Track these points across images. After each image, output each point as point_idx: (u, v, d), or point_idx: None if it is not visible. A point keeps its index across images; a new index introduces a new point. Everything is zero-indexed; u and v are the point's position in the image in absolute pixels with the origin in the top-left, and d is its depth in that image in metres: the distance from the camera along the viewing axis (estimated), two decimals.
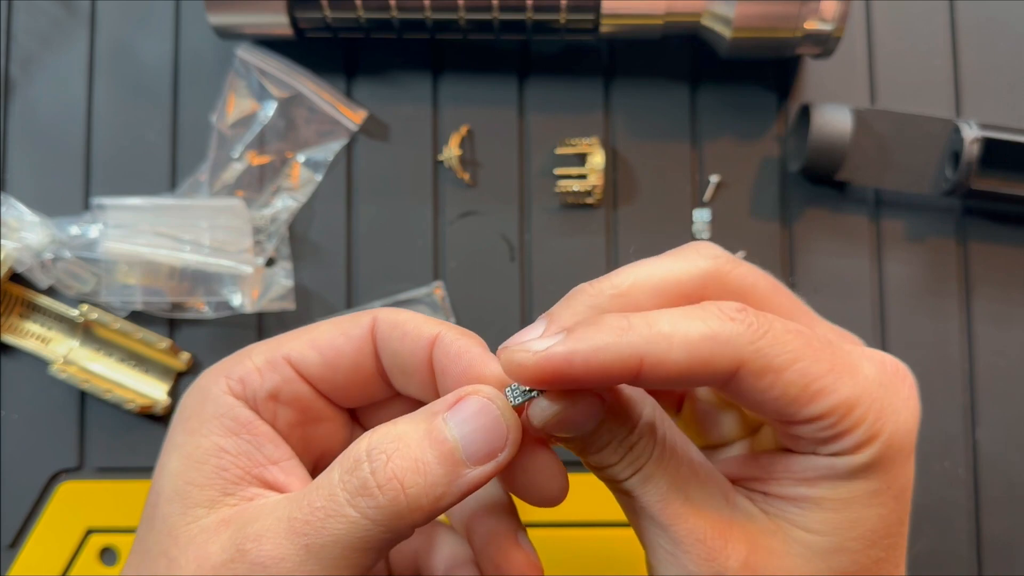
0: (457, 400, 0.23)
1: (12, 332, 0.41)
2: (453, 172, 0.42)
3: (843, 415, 0.22)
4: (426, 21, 0.40)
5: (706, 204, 0.42)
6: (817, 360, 0.22)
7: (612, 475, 0.24)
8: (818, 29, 0.38)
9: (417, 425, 0.22)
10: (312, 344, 0.25)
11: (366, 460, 0.21)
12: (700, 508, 0.23)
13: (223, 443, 0.23)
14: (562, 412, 0.23)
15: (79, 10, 0.44)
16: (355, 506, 0.21)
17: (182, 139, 0.43)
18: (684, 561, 0.23)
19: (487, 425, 0.23)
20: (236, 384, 0.24)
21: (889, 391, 0.23)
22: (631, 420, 0.24)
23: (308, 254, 0.42)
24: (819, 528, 0.23)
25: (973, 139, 0.39)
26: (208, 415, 0.24)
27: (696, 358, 0.21)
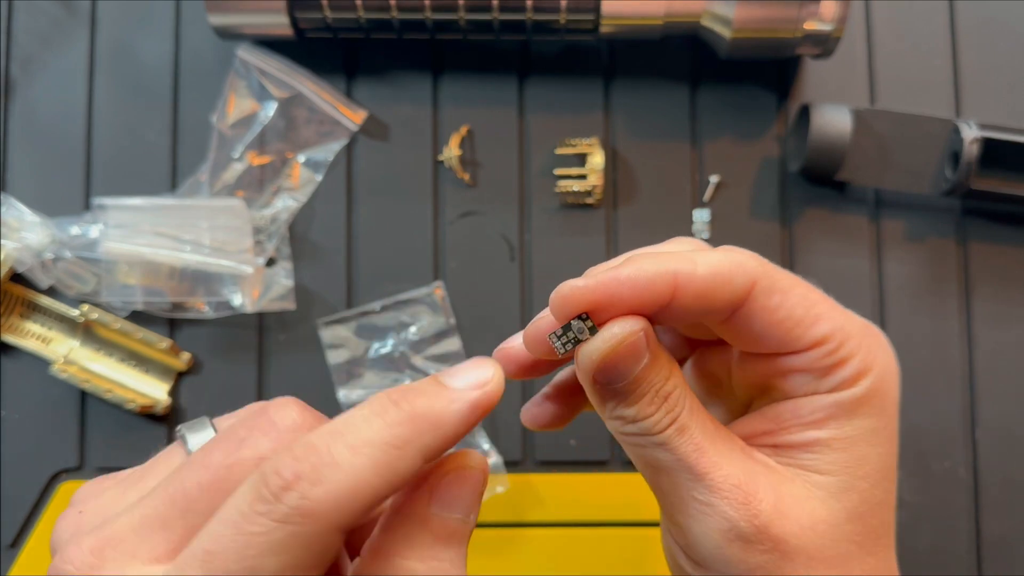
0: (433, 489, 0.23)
1: (13, 332, 0.41)
2: (453, 172, 0.42)
3: (841, 342, 0.24)
4: (426, 21, 0.40)
5: (706, 204, 0.42)
6: (811, 290, 0.25)
7: (648, 427, 0.25)
8: (818, 29, 0.38)
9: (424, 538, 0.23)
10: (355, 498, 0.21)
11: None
12: (729, 458, 0.25)
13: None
14: (611, 348, 0.24)
15: (79, 10, 0.44)
16: None
17: (182, 139, 0.43)
18: (722, 508, 0.24)
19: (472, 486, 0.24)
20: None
21: (871, 335, 0.25)
22: (666, 368, 0.25)
23: (308, 254, 0.42)
24: (831, 469, 0.25)
25: (973, 139, 0.39)
26: None
27: (718, 275, 0.24)
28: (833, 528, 0.25)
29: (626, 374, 0.25)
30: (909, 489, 0.41)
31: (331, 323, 0.41)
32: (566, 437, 0.41)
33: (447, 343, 0.41)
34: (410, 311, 0.41)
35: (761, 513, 0.24)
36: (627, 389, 0.25)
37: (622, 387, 0.25)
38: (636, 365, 0.25)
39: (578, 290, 0.24)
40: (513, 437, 0.41)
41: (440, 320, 0.41)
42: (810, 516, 0.24)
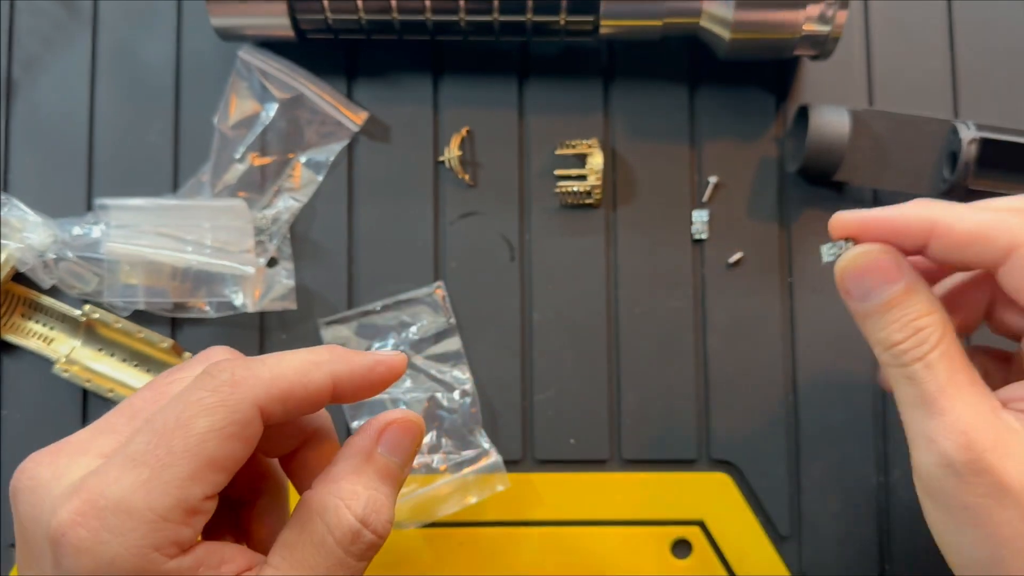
0: (380, 433, 0.28)
1: (15, 332, 0.41)
2: (453, 173, 0.43)
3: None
4: (427, 23, 0.40)
5: (705, 205, 0.43)
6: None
7: (896, 355, 0.28)
8: (816, 31, 0.39)
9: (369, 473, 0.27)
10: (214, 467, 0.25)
11: (366, 528, 0.26)
12: (968, 405, 0.27)
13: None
14: (851, 260, 0.29)
15: (81, 11, 0.44)
16: (366, 559, 0.26)
17: (184, 140, 0.43)
18: (943, 446, 0.27)
19: (412, 439, 0.28)
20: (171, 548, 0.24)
21: None
22: (924, 304, 0.28)
23: (309, 254, 0.42)
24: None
25: (971, 140, 0.39)
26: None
27: (978, 233, 0.27)
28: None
29: (870, 291, 0.29)
30: (906, 488, 0.41)
31: (332, 323, 0.42)
32: (566, 436, 0.41)
33: (447, 343, 0.41)
34: (411, 311, 0.42)
35: (983, 449, 0.26)
36: (877, 310, 0.29)
37: (872, 307, 0.29)
38: (881, 284, 0.29)
39: (843, 218, 0.30)
40: (513, 436, 0.41)
41: (440, 320, 0.42)
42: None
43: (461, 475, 0.40)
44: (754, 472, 0.41)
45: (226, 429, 0.24)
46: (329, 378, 0.26)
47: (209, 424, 0.24)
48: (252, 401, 0.25)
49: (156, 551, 0.23)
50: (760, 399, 0.39)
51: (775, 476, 0.41)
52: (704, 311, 0.42)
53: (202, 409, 0.24)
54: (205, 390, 0.25)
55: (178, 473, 0.23)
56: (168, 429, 0.24)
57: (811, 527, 0.40)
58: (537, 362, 0.42)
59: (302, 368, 0.26)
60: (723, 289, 0.42)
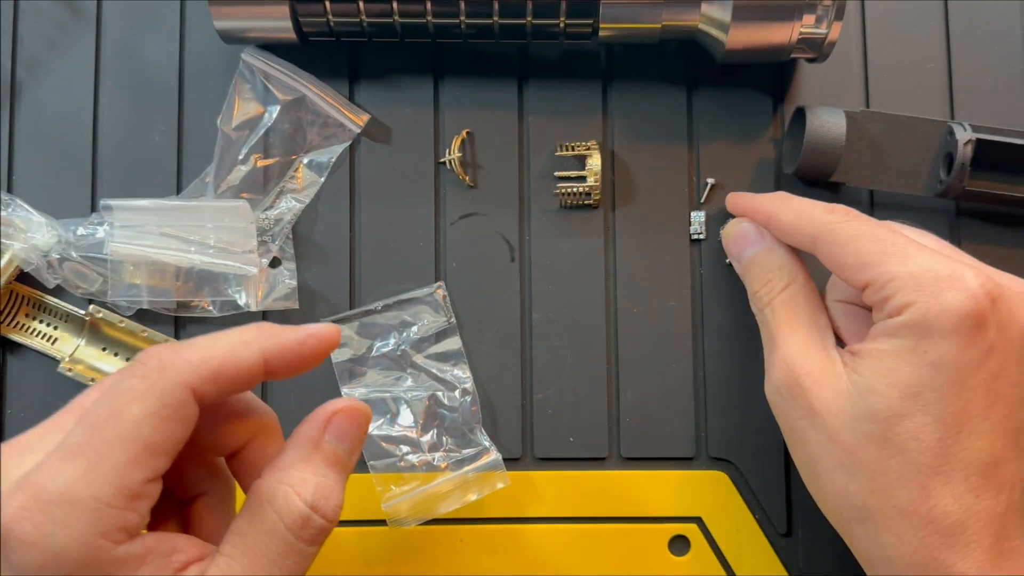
0: (327, 421, 0.29)
1: (19, 331, 0.42)
2: (454, 174, 0.43)
3: (883, 283, 0.31)
4: (428, 25, 0.40)
5: (703, 206, 0.43)
6: (873, 243, 0.32)
7: (752, 298, 0.38)
8: (813, 34, 0.39)
9: (317, 461, 0.28)
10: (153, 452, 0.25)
11: (314, 513, 0.27)
12: (799, 342, 0.34)
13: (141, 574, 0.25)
14: (724, 231, 0.41)
15: (84, 12, 0.44)
16: (316, 543, 0.27)
17: (188, 141, 0.43)
18: (773, 375, 0.34)
19: (358, 427, 0.29)
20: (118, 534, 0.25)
21: (938, 281, 0.30)
22: (778, 261, 0.36)
23: (311, 254, 0.43)
24: (864, 372, 0.31)
25: (966, 141, 0.39)
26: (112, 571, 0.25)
27: (795, 221, 0.35)
28: (853, 420, 0.31)
29: (738, 254, 0.39)
30: None
31: (334, 322, 0.42)
32: (565, 434, 0.41)
33: (448, 342, 0.42)
34: (411, 310, 0.42)
35: (798, 376, 0.33)
36: (746, 267, 0.38)
37: (743, 265, 0.38)
38: (744, 248, 0.38)
39: (730, 198, 0.41)
40: (512, 434, 0.42)
41: (441, 319, 0.42)
42: (837, 399, 0.31)
43: (461, 473, 0.40)
44: (752, 470, 0.41)
45: (160, 413, 0.25)
46: (259, 355, 0.27)
47: (142, 409, 0.25)
48: (182, 383, 0.25)
49: (103, 538, 0.24)
50: (758, 397, 0.40)
51: (773, 474, 0.41)
52: (702, 311, 0.42)
53: (134, 396, 0.25)
54: (135, 377, 0.25)
55: (117, 460, 0.24)
56: (102, 420, 0.25)
57: (808, 524, 0.41)
58: (537, 361, 0.42)
59: (231, 347, 0.27)
60: (721, 289, 0.42)
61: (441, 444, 0.41)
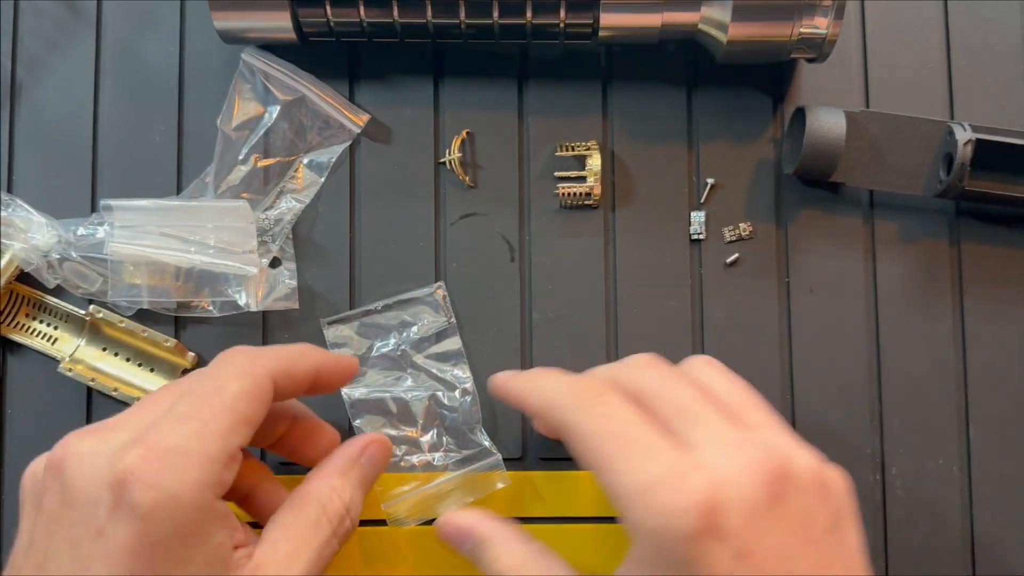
0: (364, 448, 0.35)
1: (19, 331, 0.42)
2: (454, 174, 0.43)
3: (613, 496, 0.28)
4: (427, 26, 0.40)
5: (702, 206, 0.43)
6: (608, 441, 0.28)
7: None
8: (813, 33, 0.39)
9: (353, 476, 0.34)
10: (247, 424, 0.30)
11: (347, 516, 0.32)
12: None
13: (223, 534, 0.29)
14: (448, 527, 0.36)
15: (84, 13, 0.44)
16: (342, 542, 0.32)
17: (188, 141, 0.43)
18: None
19: (383, 454, 0.36)
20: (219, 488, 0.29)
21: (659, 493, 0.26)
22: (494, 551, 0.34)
23: (312, 255, 0.43)
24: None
25: (966, 141, 0.39)
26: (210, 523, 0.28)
27: (541, 407, 0.32)
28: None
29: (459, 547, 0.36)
30: (902, 486, 0.41)
31: (334, 322, 0.42)
32: None
33: (448, 342, 0.42)
34: (412, 310, 0.42)
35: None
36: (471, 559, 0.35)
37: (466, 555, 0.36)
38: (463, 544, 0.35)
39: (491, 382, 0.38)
40: (513, 434, 0.42)
41: (441, 319, 0.42)
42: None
43: (462, 473, 0.40)
44: None
45: (252, 392, 0.30)
46: (314, 364, 0.33)
47: (239, 387, 0.30)
48: (268, 370, 0.31)
49: (209, 488, 0.27)
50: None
51: None
52: (702, 311, 0.42)
53: (232, 376, 0.30)
54: (229, 364, 0.31)
55: (222, 424, 0.28)
56: (207, 393, 0.29)
57: None
58: (537, 361, 0.42)
59: (297, 354, 0.33)
60: (720, 289, 0.42)
61: (441, 444, 0.41)
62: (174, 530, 0.26)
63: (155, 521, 0.26)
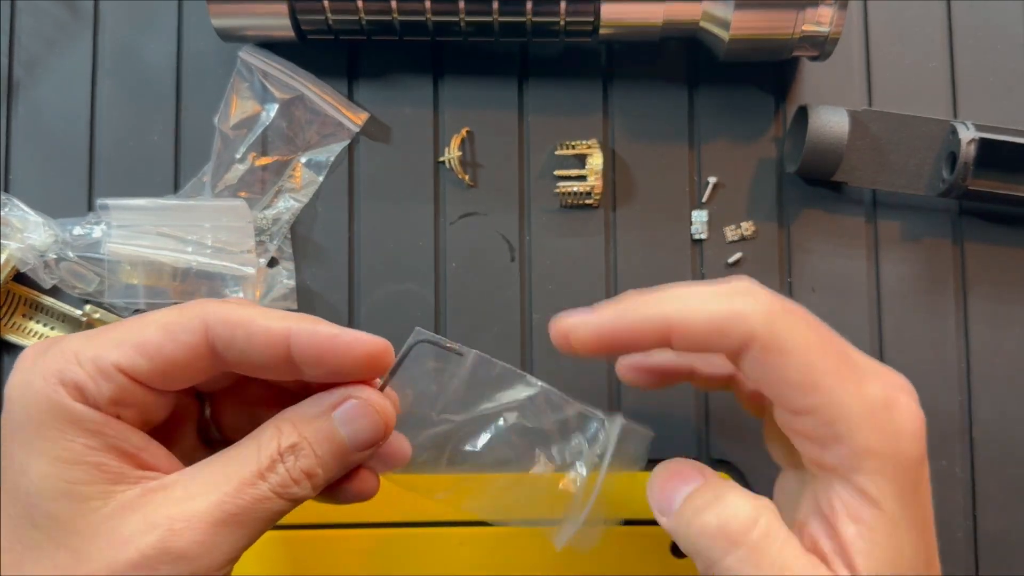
0: (342, 400, 0.28)
1: (15, 331, 0.42)
2: (454, 173, 0.43)
3: (832, 418, 0.25)
4: (427, 24, 0.40)
5: (704, 205, 0.43)
6: (824, 357, 0.25)
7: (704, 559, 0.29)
8: (815, 31, 0.39)
9: (313, 426, 0.28)
10: (140, 350, 0.26)
11: (280, 461, 0.27)
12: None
13: (91, 443, 0.26)
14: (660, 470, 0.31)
15: (82, 12, 0.44)
16: (278, 495, 0.26)
17: (185, 140, 0.43)
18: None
19: (369, 424, 0.28)
20: (74, 391, 0.26)
21: (877, 415, 0.25)
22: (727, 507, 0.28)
23: (310, 254, 0.42)
24: (870, 566, 0.25)
25: (970, 140, 0.39)
26: (63, 420, 0.26)
27: (714, 327, 0.25)
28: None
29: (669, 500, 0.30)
30: None
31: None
32: None
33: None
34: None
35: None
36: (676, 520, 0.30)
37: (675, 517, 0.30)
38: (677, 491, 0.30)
39: (575, 330, 0.29)
40: None
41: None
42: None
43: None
44: (753, 472, 0.41)
45: (167, 325, 0.27)
46: (285, 329, 0.27)
47: (158, 317, 0.27)
48: (199, 314, 0.27)
49: (61, 385, 0.25)
50: None
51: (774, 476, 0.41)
52: None
53: (165, 310, 0.28)
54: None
55: (110, 338, 0.27)
56: (138, 315, 0.28)
57: None
58: (537, 361, 0.42)
59: (265, 313, 0.27)
60: None
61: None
62: (24, 415, 0.26)
63: (11, 401, 0.26)
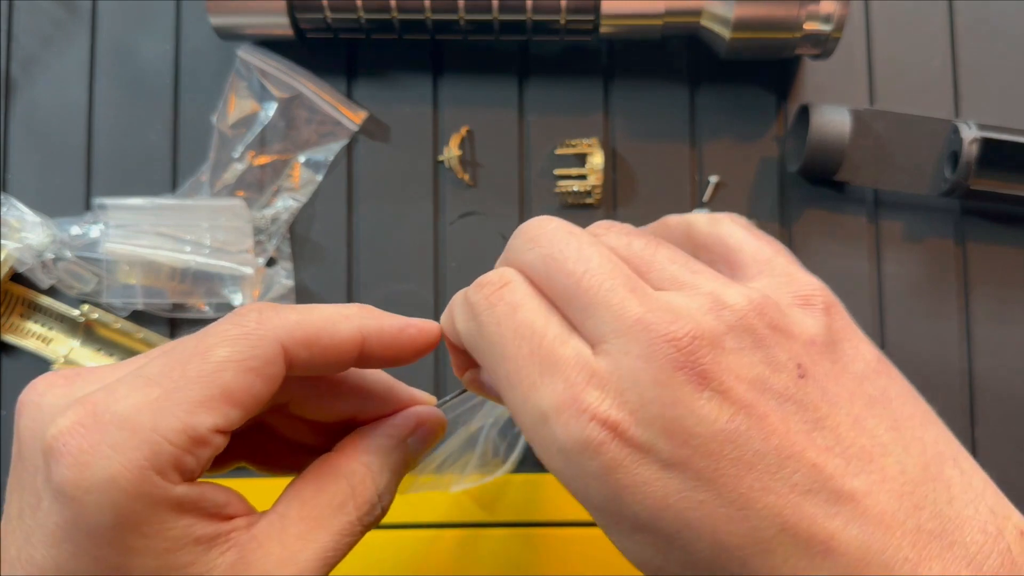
0: (417, 426, 0.28)
1: (13, 332, 0.41)
2: (453, 173, 0.43)
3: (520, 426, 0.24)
4: (426, 22, 0.40)
5: (705, 204, 0.43)
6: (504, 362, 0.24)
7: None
8: (817, 30, 0.39)
9: (394, 458, 0.27)
10: (231, 402, 0.23)
11: (379, 504, 0.26)
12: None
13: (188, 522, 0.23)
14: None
15: (80, 10, 0.44)
16: (365, 532, 0.26)
17: (183, 139, 0.43)
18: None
19: (431, 446, 0.29)
20: (173, 474, 0.22)
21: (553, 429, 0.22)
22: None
23: (309, 254, 0.42)
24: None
25: (972, 139, 0.39)
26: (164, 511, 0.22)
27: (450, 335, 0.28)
28: None
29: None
30: None
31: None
32: None
33: None
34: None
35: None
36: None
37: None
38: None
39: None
40: None
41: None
42: None
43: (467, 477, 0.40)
44: None
45: (246, 362, 0.23)
46: (357, 331, 0.25)
47: (228, 354, 0.23)
48: (275, 338, 0.24)
49: (157, 473, 0.22)
50: None
51: None
52: None
53: (224, 339, 0.23)
54: (231, 324, 0.24)
55: (190, 396, 0.22)
56: (187, 355, 0.23)
57: None
58: None
59: (331, 317, 0.25)
60: None
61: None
62: (114, 519, 0.21)
63: (86, 505, 0.21)
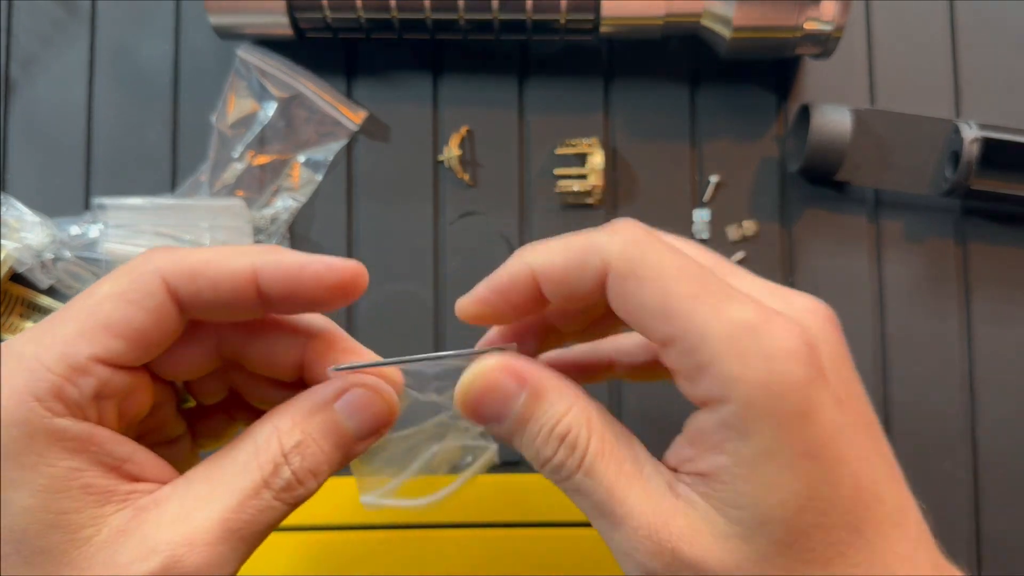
0: (343, 390, 0.26)
1: (13, 332, 0.41)
2: (453, 172, 0.43)
3: (692, 345, 0.23)
4: (426, 21, 0.40)
5: (706, 204, 0.43)
6: (682, 282, 0.23)
7: (554, 470, 0.25)
8: (818, 29, 0.39)
9: (315, 420, 0.26)
10: (110, 332, 0.24)
11: (285, 464, 0.25)
12: (645, 500, 0.24)
13: (75, 463, 0.23)
14: (474, 384, 0.26)
15: (80, 10, 0.44)
16: (281, 500, 0.24)
17: (183, 139, 0.43)
18: (637, 557, 0.24)
19: (375, 414, 0.26)
20: (54, 403, 0.23)
21: (744, 341, 0.22)
22: (559, 404, 0.25)
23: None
24: (742, 501, 0.23)
25: (972, 139, 0.39)
26: (43, 442, 0.23)
27: (572, 262, 0.25)
28: (762, 563, 0.23)
29: (500, 414, 0.25)
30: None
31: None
32: None
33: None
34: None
35: (675, 548, 0.23)
36: (515, 429, 0.25)
37: (509, 427, 0.25)
38: (507, 404, 0.25)
39: (465, 306, 0.28)
40: None
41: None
42: (733, 556, 0.23)
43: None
44: None
45: (125, 294, 0.24)
46: (249, 266, 0.25)
47: (109, 288, 0.24)
48: (154, 270, 0.24)
49: (36, 401, 0.23)
50: None
51: None
52: None
53: (108, 278, 0.25)
54: (125, 264, 0.25)
55: (68, 329, 0.24)
56: (77, 297, 0.25)
57: None
58: None
59: (221, 251, 0.25)
60: None
61: None
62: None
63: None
